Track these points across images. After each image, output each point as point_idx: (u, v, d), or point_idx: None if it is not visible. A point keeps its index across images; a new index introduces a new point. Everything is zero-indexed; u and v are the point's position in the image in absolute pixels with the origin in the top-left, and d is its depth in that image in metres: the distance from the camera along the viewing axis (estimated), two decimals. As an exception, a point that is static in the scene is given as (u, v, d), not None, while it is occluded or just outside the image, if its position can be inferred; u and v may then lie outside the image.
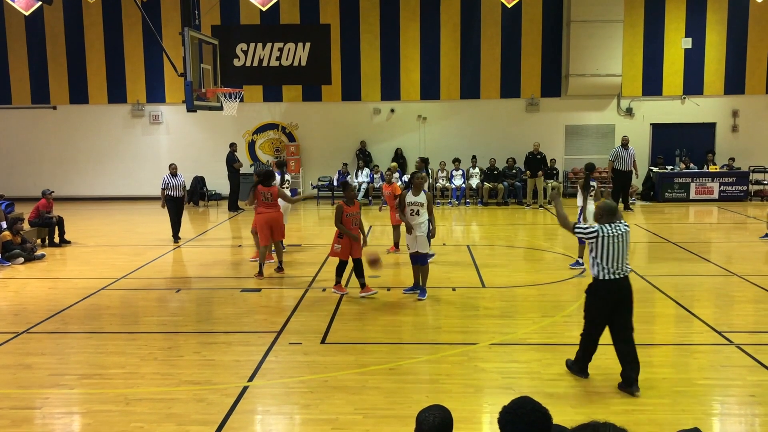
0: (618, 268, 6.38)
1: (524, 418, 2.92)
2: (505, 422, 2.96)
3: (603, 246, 6.35)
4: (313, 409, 6.11)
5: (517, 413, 2.95)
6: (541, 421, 2.93)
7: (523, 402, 3.01)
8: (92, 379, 6.89)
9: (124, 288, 10.78)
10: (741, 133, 21.43)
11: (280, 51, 20.47)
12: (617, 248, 6.35)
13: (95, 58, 21.85)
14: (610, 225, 6.44)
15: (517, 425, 2.92)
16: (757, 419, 5.92)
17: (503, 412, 2.99)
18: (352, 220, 10.05)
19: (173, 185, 14.41)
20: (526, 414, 2.94)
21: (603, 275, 6.40)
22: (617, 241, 6.36)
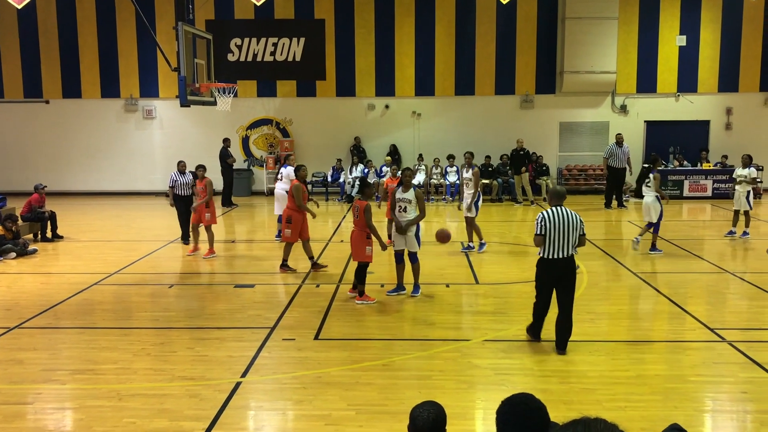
0: (559, 250, 7.16)
1: (521, 413, 2.93)
2: (502, 416, 2.97)
3: (547, 229, 7.17)
4: (306, 405, 6.10)
5: (515, 408, 2.96)
6: (537, 416, 2.93)
7: (521, 397, 3.02)
8: (85, 375, 6.87)
9: (116, 283, 10.74)
10: (734, 131, 21.50)
11: (275, 46, 20.43)
12: (560, 232, 7.14)
13: (88, 52, 21.74)
14: (557, 209, 7.26)
15: (514, 420, 2.93)
16: (749, 416, 5.94)
17: (501, 407, 2.99)
18: None
19: (181, 183, 13.67)
20: (523, 409, 2.94)
21: (546, 254, 7.24)
22: (561, 225, 7.14)
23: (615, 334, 8.17)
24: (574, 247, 7.27)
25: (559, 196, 7.42)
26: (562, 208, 7.29)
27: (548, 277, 7.32)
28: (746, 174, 13.80)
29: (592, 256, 12.27)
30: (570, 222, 7.18)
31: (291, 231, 11.10)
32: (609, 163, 18.60)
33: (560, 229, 7.14)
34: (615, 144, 18.73)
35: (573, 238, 7.20)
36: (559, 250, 7.17)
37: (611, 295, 9.99)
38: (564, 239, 7.15)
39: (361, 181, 9.88)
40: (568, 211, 7.30)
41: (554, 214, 7.21)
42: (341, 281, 10.59)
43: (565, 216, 7.21)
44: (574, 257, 7.30)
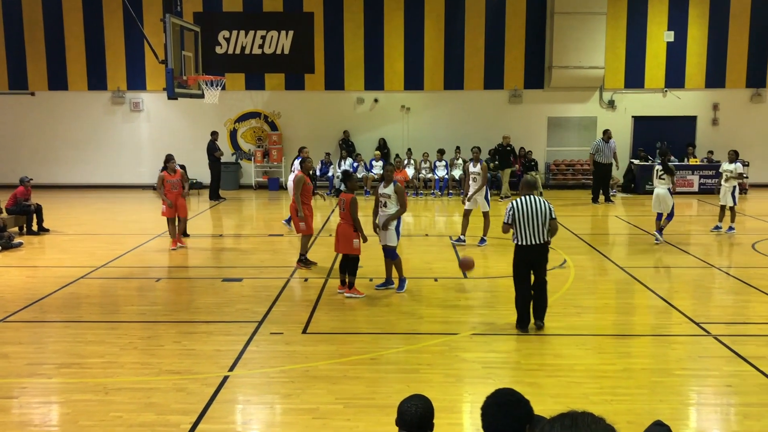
0: (532, 237, 7.57)
1: (505, 407, 2.96)
2: (486, 411, 3.00)
3: (516, 218, 7.60)
4: (294, 399, 6.10)
5: (498, 402, 2.99)
6: (521, 409, 2.96)
7: (504, 392, 3.04)
8: (71, 369, 6.83)
9: (103, 277, 10.68)
10: (721, 126, 21.63)
11: (263, 39, 20.35)
12: (530, 220, 7.55)
13: (75, 44, 21.55)
14: (527, 197, 7.64)
15: (498, 414, 2.95)
16: (733, 409, 6.00)
17: (485, 402, 3.02)
18: None
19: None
20: (506, 401, 2.97)
21: (520, 242, 7.67)
22: (530, 214, 7.54)
23: (602, 328, 8.21)
24: (547, 234, 7.67)
25: (529, 186, 7.85)
26: (533, 197, 7.68)
27: (524, 263, 7.76)
28: (732, 169, 13.90)
29: (579, 251, 12.33)
30: (539, 210, 7.57)
31: (305, 223, 10.91)
32: (595, 159, 18.67)
33: (530, 217, 7.55)
34: (602, 140, 18.80)
35: (544, 226, 7.59)
36: (532, 237, 7.59)
37: (598, 289, 10.05)
38: (535, 227, 7.57)
39: (344, 174, 9.85)
40: (539, 199, 7.68)
41: (524, 203, 7.61)
42: (329, 275, 10.58)
43: (535, 204, 7.59)
44: (548, 244, 7.79)
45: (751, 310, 8.95)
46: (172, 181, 12.76)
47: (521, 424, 2.93)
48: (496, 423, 2.96)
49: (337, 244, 9.56)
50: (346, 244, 9.39)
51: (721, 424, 5.83)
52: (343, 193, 9.53)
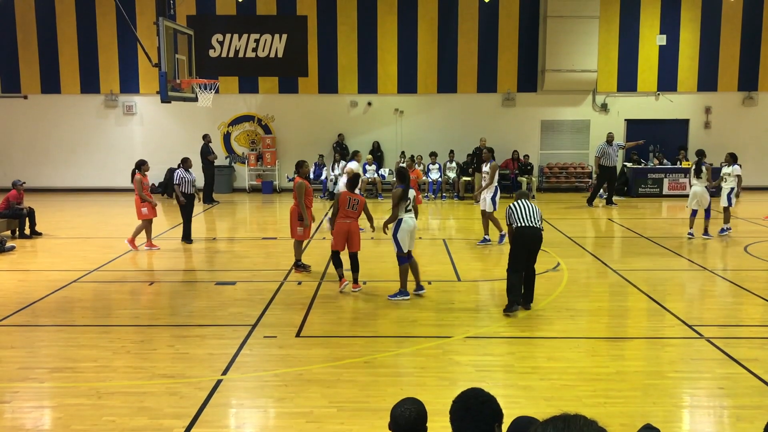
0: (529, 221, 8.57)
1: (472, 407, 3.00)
2: (455, 412, 3.04)
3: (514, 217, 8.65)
4: (288, 403, 6.09)
5: (466, 402, 3.03)
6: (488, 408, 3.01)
7: (471, 392, 3.09)
8: (63, 373, 6.80)
9: (96, 280, 10.65)
10: (713, 129, 21.74)
11: (257, 42, 20.33)
12: (525, 212, 8.63)
13: (68, 47, 21.50)
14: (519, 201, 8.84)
15: (466, 414, 3.00)
16: (726, 411, 6.01)
17: (453, 403, 3.07)
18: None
19: (188, 181, 13.52)
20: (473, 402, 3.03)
21: (519, 224, 8.59)
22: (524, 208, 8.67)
23: (595, 331, 8.23)
24: (540, 223, 8.69)
25: (522, 196, 9.08)
26: (524, 201, 8.85)
27: (523, 246, 8.60)
28: (730, 172, 14.06)
29: (572, 254, 12.35)
30: (532, 207, 8.73)
31: (303, 229, 10.87)
32: (601, 162, 18.63)
33: (524, 211, 8.65)
34: (606, 143, 18.80)
35: (537, 217, 8.67)
36: (529, 221, 8.58)
37: (591, 292, 10.06)
38: (531, 216, 8.62)
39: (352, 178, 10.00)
40: (530, 203, 8.83)
41: (518, 204, 8.74)
42: (323, 278, 10.57)
43: (528, 204, 8.77)
44: (541, 231, 8.71)
45: (743, 312, 8.99)
46: (147, 183, 13.09)
47: (488, 424, 2.96)
48: (463, 425, 3.00)
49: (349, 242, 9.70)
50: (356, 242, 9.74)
51: (714, 426, 5.85)
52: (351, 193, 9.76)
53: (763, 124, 21.40)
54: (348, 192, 9.80)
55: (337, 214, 9.69)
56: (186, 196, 13.45)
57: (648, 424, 2.90)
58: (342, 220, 9.67)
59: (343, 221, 9.67)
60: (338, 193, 10.11)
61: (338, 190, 12.81)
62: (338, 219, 9.69)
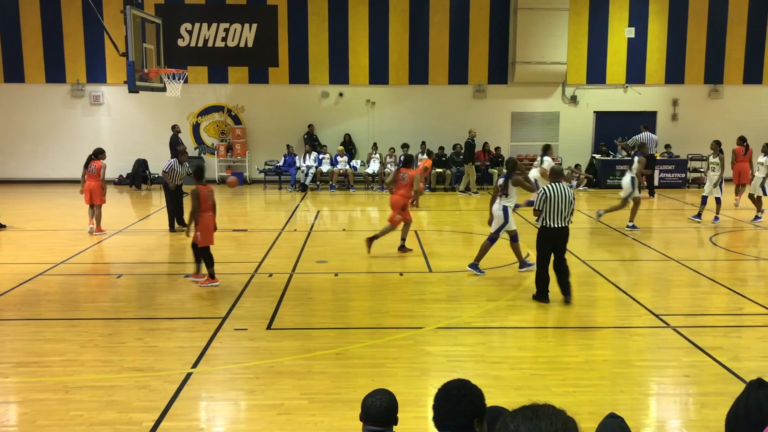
0: (557, 220, 8.42)
1: (454, 399, 3.02)
2: (437, 403, 3.06)
3: (545, 204, 8.40)
4: (259, 395, 6.06)
5: (448, 394, 3.05)
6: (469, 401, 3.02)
7: (454, 383, 3.10)
8: (29, 367, 6.69)
9: (63, 273, 10.47)
10: (680, 121, 22.06)
11: (226, 32, 20.06)
12: (557, 205, 8.38)
13: (32, 35, 21.03)
14: (555, 185, 8.48)
15: (447, 405, 3.01)
16: (691, 398, 6.13)
17: (436, 394, 3.08)
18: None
19: (178, 172, 13.63)
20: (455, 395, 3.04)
21: (545, 224, 8.50)
22: (558, 200, 8.37)
23: (564, 321, 8.32)
24: (569, 219, 8.55)
25: (557, 174, 8.74)
26: (560, 184, 8.51)
27: (547, 243, 8.60)
28: (717, 161, 14.39)
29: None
30: (566, 197, 8.41)
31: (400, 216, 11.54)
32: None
33: (557, 203, 8.38)
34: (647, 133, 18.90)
35: (567, 211, 8.46)
36: (556, 221, 8.43)
37: (561, 283, 10.16)
38: (560, 212, 8.40)
39: (196, 169, 9.87)
40: (565, 187, 8.51)
41: (553, 189, 8.42)
42: (294, 271, 10.54)
43: (562, 191, 8.42)
44: (568, 227, 8.61)
45: (708, 302, 9.16)
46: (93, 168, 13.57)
47: (468, 418, 2.97)
48: (442, 417, 3.01)
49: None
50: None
51: (680, 413, 5.96)
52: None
53: (727, 117, 21.77)
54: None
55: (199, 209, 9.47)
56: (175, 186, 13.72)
57: (612, 413, 2.94)
58: (207, 213, 9.55)
59: (208, 214, 9.57)
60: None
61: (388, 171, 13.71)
62: (202, 213, 9.49)
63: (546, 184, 8.82)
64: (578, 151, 21.91)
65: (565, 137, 21.96)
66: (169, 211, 13.83)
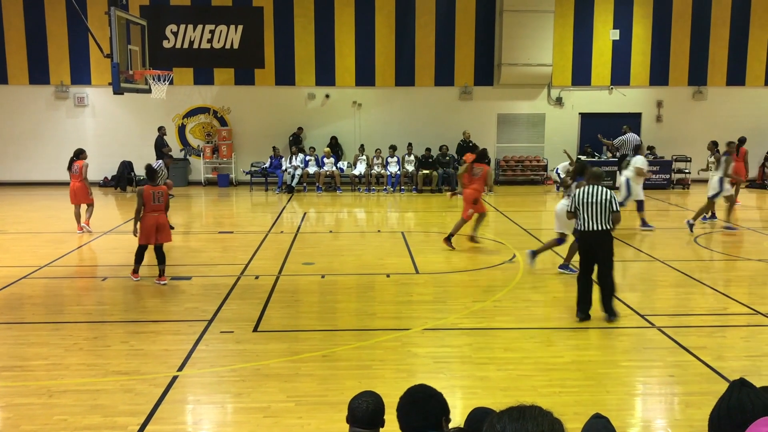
0: (591, 223, 7.95)
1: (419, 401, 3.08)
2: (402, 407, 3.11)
3: (577, 206, 8.07)
4: (245, 398, 6.04)
5: (413, 397, 3.11)
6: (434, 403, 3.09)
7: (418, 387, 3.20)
8: (12, 372, 6.62)
9: (47, 276, 10.39)
10: (665, 123, 22.24)
11: (212, 33, 20.04)
12: (590, 207, 7.95)
13: (15, 36, 20.86)
14: (590, 187, 8.07)
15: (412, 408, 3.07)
16: (676, 398, 6.17)
17: (400, 399, 3.15)
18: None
19: (165, 174, 14.04)
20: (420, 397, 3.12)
21: (580, 227, 8.13)
22: (591, 202, 7.95)
23: (550, 322, 8.35)
24: (607, 222, 7.95)
25: (595, 177, 8.25)
26: (597, 187, 8.07)
27: (584, 249, 8.21)
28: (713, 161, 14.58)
29: (527, 245, 12.49)
30: (600, 199, 7.94)
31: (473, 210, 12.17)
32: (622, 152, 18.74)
33: (590, 205, 7.95)
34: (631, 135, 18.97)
35: (603, 214, 7.93)
36: (590, 224, 7.96)
37: (547, 284, 10.20)
38: (594, 214, 7.94)
39: (147, 169, 10.12)
40: (602, 189, 8.03)
41: (586, 192, 8.04)
42: (281, 273, 10.51)
43: (596, 194, 7.98)
44: (609, 231, 7.98)
45: (693, 302, 9.22)
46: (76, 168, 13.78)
47: (435, 418, 3.03)
48: (409, 420, 3.05)
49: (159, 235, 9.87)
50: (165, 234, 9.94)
51: (665, 413, 5.99)
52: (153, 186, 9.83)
53: (711, 118, 21.96)
54: None
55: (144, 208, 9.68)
56: None
57: (597, 413, 2.95)
58: (150, 214, 9.72)
59: (150, 215, 9.72)
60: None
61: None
62: (145, 212, 9.70)
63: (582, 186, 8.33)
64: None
65: (550, 139, 22.06)
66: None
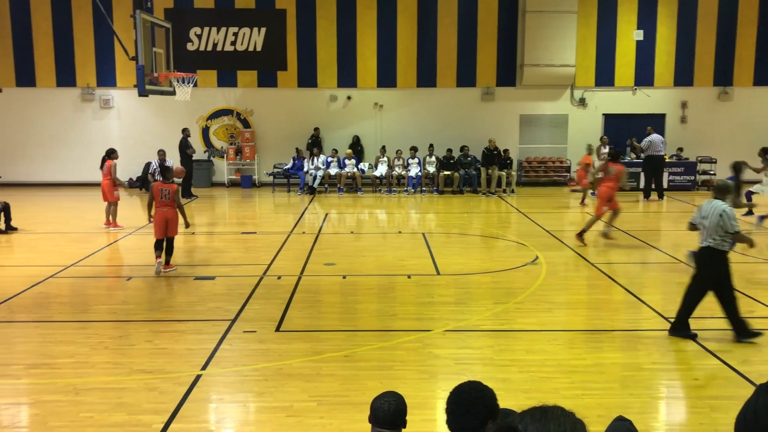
0: (701, 238, 7.59)
1: (465, 402, 3.02)
2: (449, 406, 3.06)
3: (696, 219, 7.68)
4: (268, 397, 6.08)
5: (460, 397, 3.05)
6: (481, 404, 3.02)
7: (466, 386, 3.10)
8: (40, 369, 6.74)
9: (73, 276, 10.54)
10: (689, 124, 21.97)
11: (235, 36, 20.20)
12: (702, 223, 7.54)
13: (43, 39, 21.19)
14: (708, 201, 7.61)
15: (459, 409, 3.01)
16: (701, 402, 6.11)
17: (449, 397, 3.08)
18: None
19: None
20: (466, 398, 3.04)
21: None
22: (703, 217, 7.52)
23: (573, 324, 8.31)
24: (710, 238, 7.46)
25: (718, 190, 7.71)
26: (713, 201, 7.54)
27: (697, 264, 7.83)
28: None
29: (551, 247, 12.45)
30: (710, 215, 7.44)
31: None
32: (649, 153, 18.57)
33: (702, 220, 7.55)
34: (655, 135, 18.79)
35: (709, 230, 7.44)
36: (700, 239, 7.63)
37: (570, 285, 10.16)
38: (703, 229, 7.53)
39: (162, 167, 11.29)
40: (716, 204, 7.46)
41: (703, 206, 7.62)
42: (303, 273, 10.56)
43: (708, 209, 7.51)
44: (709, 248, 7.45)
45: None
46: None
47: (480, 420, 2.97)
48: (456, 420, 3.01)
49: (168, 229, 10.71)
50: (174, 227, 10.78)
51: (690, 417, 5.93)
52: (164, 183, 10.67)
53: (737, 119, 21.68)
54: None
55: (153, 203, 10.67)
56: None
57: (620, 416, 2.94)
58: (159, 209, 10.59)
59: (159, 210, 10.59)
60: None
61: None
62: (156, 208, 10.62)
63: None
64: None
65: (573, 140, 21.91)
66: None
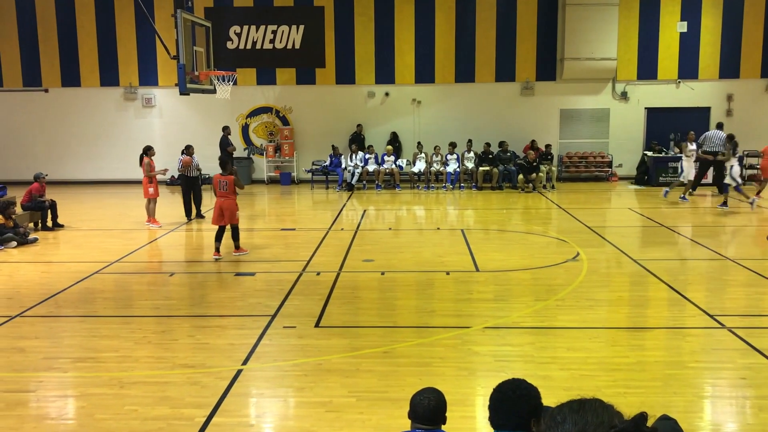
0: None
1: (509, 400, 2.98)
2: (492, 403, 3.03)
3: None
4: (307, 392, 6.12)
5: (503, 395, 3.01)
6: (525, 402, 2.98)
7: (509, 384, 3.06)
8: (86, 363, 6.89)
9: (117, 272, 10.76)
10: (735, 117, 21.43)
11: (274, 33, 20.37)
12: None
13: (87, 40, 21.67)
14: None
15: (503, 406, 2.98)
16: (748, 401, 5.96)
17: (492, 393, 3.04)
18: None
19: (193, 165, 15.43)
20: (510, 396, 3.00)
21: None
22: None
23: (615, 321, 8.18)
24: None
25: None
26: None
27: None
28: None
29: (592, 243, 12.28)
30: None
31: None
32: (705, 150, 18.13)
33: None
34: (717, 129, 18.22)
35: None
36: None
37: (611, 282, 10.00)
38: None
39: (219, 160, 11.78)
40: None
41: None
42: (341, 269, 10.61)
43: None
44: None
45: (766, 302, 8.88)
46: (154, 165, 14.77)
47: (524, 418, 2.94)
48: (498, 418, 2.98)
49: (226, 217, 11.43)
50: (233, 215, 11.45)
51: (736, 416, 5.80)
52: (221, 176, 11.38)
53: (786, 112, 21.08)
54: None
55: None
56: (190, 179, 15.43)
57: (664, 415, 2.88)
58: (217, 199, 11.38)
59: (217, 200, 11.38)
60: None
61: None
62: (216, 198, 11.41)
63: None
64: (629, 149, 21.54)
65: (615, 134, 21.59)
66: (186, 201, 15.56)
